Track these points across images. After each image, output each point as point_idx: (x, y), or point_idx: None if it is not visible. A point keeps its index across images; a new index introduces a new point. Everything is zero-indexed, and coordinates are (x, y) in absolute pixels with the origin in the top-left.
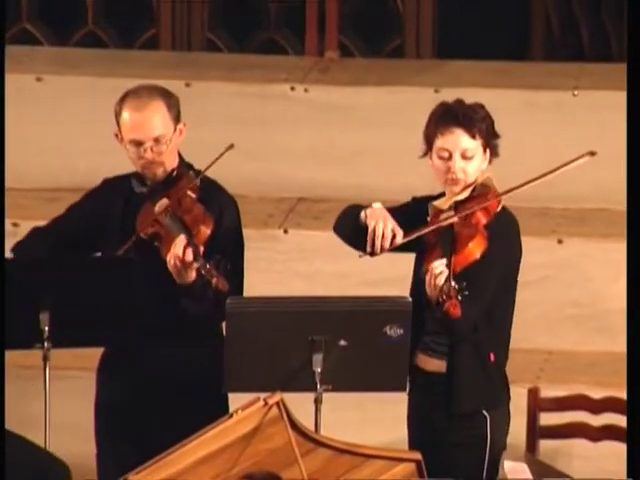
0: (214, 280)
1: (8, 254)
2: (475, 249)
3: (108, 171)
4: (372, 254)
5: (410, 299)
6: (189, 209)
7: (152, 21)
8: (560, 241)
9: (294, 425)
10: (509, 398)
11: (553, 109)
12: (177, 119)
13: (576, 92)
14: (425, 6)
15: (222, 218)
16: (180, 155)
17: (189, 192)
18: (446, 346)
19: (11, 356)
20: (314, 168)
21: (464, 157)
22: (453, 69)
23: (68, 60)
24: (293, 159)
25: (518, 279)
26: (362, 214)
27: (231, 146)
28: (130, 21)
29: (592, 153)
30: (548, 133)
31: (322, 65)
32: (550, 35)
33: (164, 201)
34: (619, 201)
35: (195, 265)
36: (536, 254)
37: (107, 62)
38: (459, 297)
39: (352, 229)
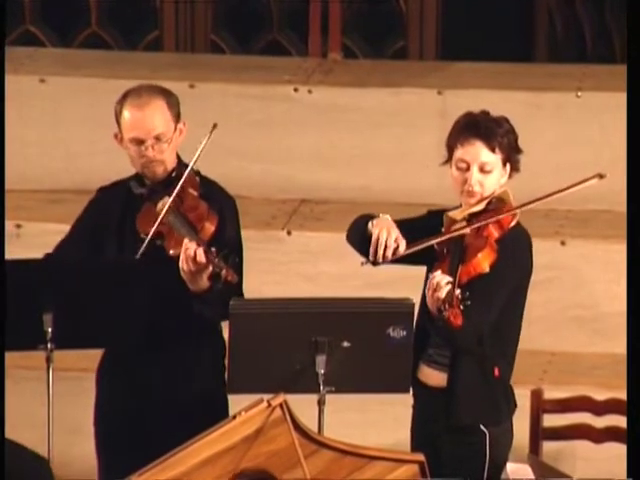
0: (223, 272)
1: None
2: (483, 261)
3: (110, 172)
4: (374, 263)
5: (413, 301)
6: (193, 206)
7: (155, 23)
8: (563, 243)
9: (297, 426)
10: (512, 412)
11: (556, 111)
12: (177, 118)
13: (580, 93)
14: (428, 8)
15: (224, 216)
16: (178, 156)
17: (190, 190)
18: (449, 358)
19: (14, 357)
20: (317, 169)
21: (482, 170)
22: (456, 71)
23: (71, 61)
24: (296, 160)
25: (527, 291)
26: (369, 224)
27: (215, 126)
28: (133, 23)
29: (601, 176)
30: (552, 135)
31: (325, 66)
32: (553, 37)
33: (166, 199)
34: (622, 203)
35: (208, 270)
36: (539, 256)
37: (110, 64)
38: (461, 307)
39: (361, 238)
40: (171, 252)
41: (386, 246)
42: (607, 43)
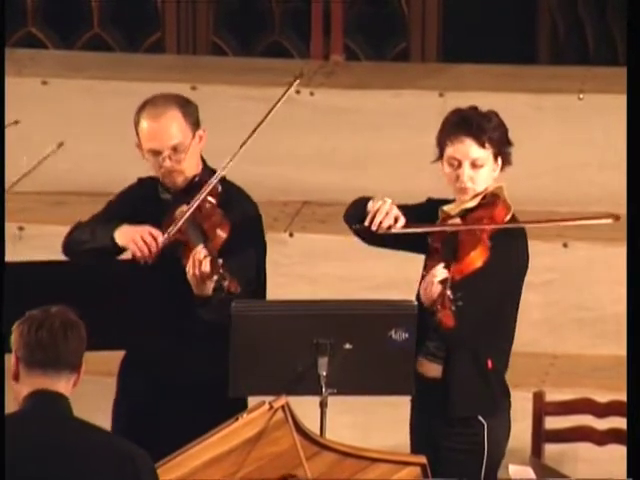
0: (226, 283)
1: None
2: (477, 258)
3: (113, 174)
4: (368, 230)
5: (416, 303)
6: (208, 215)
7: (157, 24)
8: (565, 245)
9: (299, 428)
10: (509, 406)
11: (559, 113)
12: (196, 126)
13: (582, 95)
14: (430, 9)
15: (242, 224)
16: (204, 161)
17: (210, 198)
18: (444, 351)
19: None
20: (319, 171)
21: (473, 166)
22: (458, 73)
23: (73, 63)
24: (298, 163)
25: (523, 284)
26: (370, 203)
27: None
28: (135, 24)
29: (616, 217)
30: (554, 137)
31: (327, 68)
32: (556, 38)
33: (184, 207)
34: (625, 205)
35: (213, 278)
36: (541, 258)
37: (112, 65)
38: (452, 308)
39: (359, 215)
40: (187, 267)
41: (386, 214)
42: (609, 45)
